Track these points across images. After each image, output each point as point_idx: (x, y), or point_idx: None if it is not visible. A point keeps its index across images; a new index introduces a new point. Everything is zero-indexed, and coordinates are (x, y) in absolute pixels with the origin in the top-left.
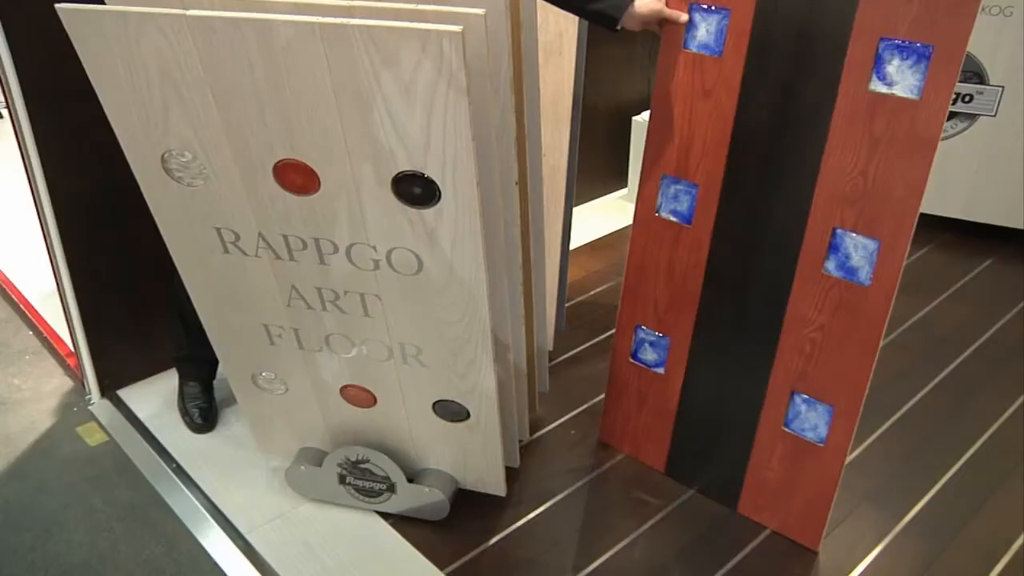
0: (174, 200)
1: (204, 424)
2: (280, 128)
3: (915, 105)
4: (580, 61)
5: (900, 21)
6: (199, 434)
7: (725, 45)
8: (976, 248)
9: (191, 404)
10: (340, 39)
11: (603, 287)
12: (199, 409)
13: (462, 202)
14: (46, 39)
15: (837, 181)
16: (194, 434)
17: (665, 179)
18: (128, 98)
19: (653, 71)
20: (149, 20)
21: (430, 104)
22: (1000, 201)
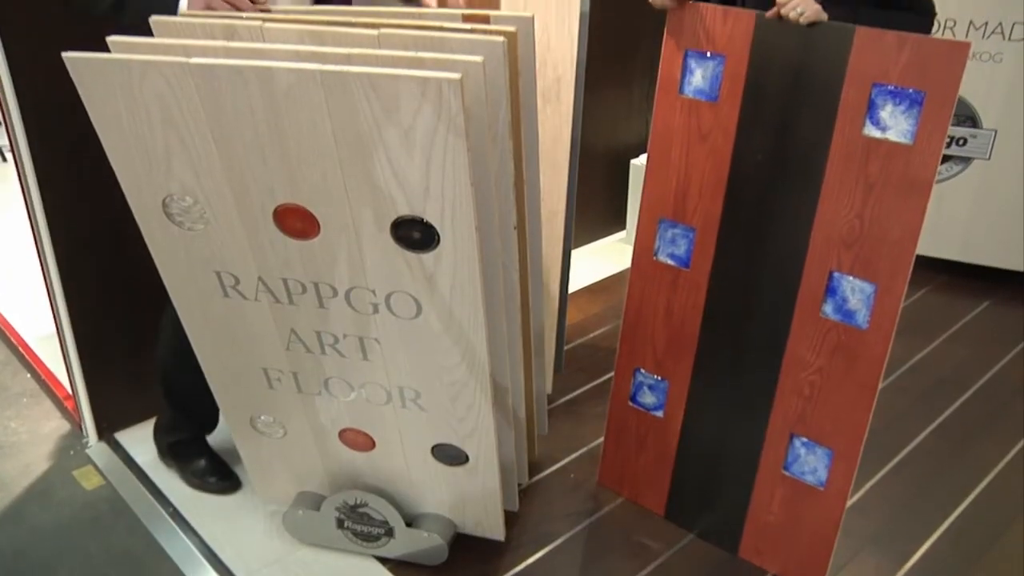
0: (175, 244)
1: (228, 483)
2: (281, 173)
3: (909, 149)
4: (578, 105)
5: (892, 67)
6: (229, 494)
7: (721, 90)
8: (974, 290)
9: (205, 477)
10: (340, 86)
11: (602, 330)
12: (216, 477)
13: (461, 247)
14: (51, 83)
15: (833, 224)
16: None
17: (662, 223)
18: (131, 143)
19: (650, 114)
20: (152, 68)
21: (429, 150)
22: (996, 243)
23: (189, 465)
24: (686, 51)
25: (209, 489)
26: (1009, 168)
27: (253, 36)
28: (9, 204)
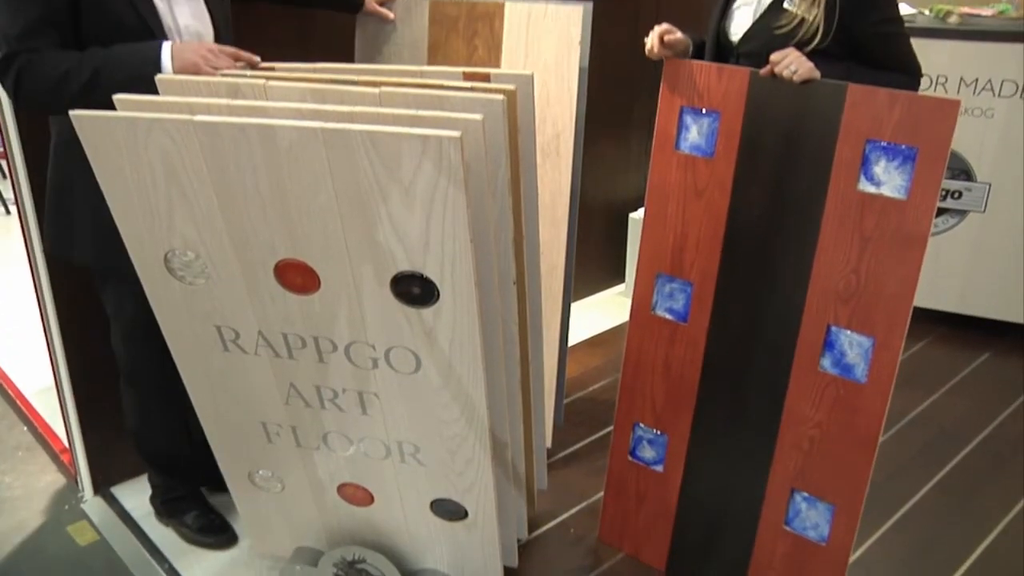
0: (175, 298)
1: (224, 537)
2: (282, 228)
3: (903, 205)
4: (577, 160)
5: (885, 124)
6: (225, 549)
7: (716, 146)
8: (973, 341)
9: (200, 533)
10: (342, 143)
11: (601, 383)
12: (211, 532)
13: (460, 302)
14: None
15: (830, 279)
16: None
17: (660, 277)
18: (134, 199)
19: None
20: (158, 125)
21: (429, 206)
22: (994, 295)
23: (183, 521)
24: (682, 107)
25: (204, 544)
26: (1004, 220)
27: (256, 94)
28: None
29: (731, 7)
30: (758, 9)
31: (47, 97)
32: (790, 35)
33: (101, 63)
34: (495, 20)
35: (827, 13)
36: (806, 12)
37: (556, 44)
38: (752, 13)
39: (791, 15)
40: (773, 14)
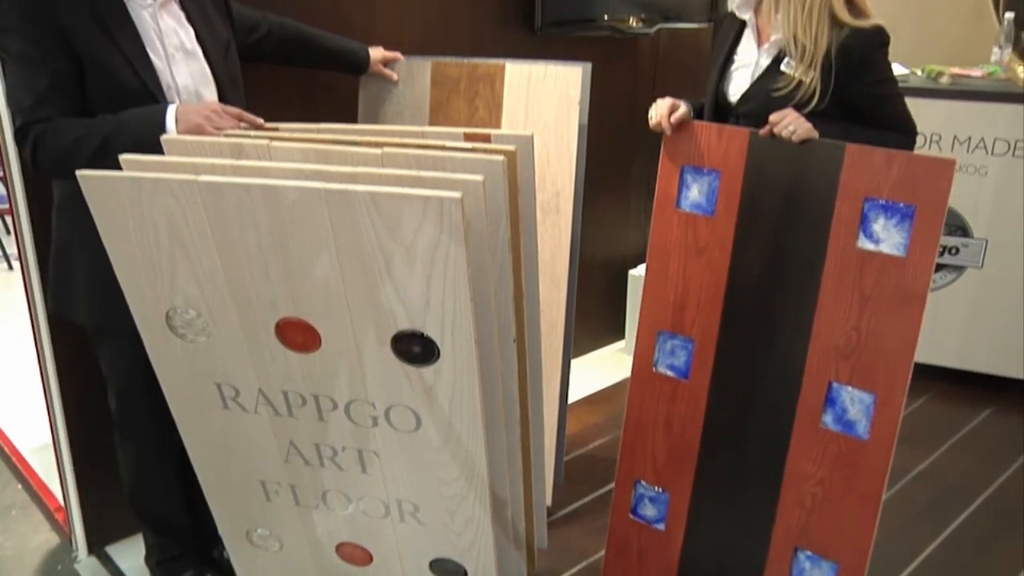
0: (176, 356)
1: None
2: (283, 287)
3: (902, 262)
4: (577, 218)
5: (882, 183)
6: None
7: (717, 205)
8: (974, 397)
9: None
10: (344, 203)
11: (602, 440)
12: None
13: (461, 361)
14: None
15: (830, 335)
16: None
17: (661, 335)
18: (137, 257)
19: (647, 226)
20: (162, 185)
21: (430, 265)
22: (993, 350)
23: None
24: (682, 167)
25: None
26: (1002, 276)
27: (260, 154)
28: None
29: (729, 69)
30: (756, 71)
31: (61, 165)
32: (788, 97)
33: (110, 130)
34: (496, 81)
35: (823, 75)
36: (803, 75)
37: (556, 104)
38: (750, 75)
39: (789, 77)
40: (771, 76)
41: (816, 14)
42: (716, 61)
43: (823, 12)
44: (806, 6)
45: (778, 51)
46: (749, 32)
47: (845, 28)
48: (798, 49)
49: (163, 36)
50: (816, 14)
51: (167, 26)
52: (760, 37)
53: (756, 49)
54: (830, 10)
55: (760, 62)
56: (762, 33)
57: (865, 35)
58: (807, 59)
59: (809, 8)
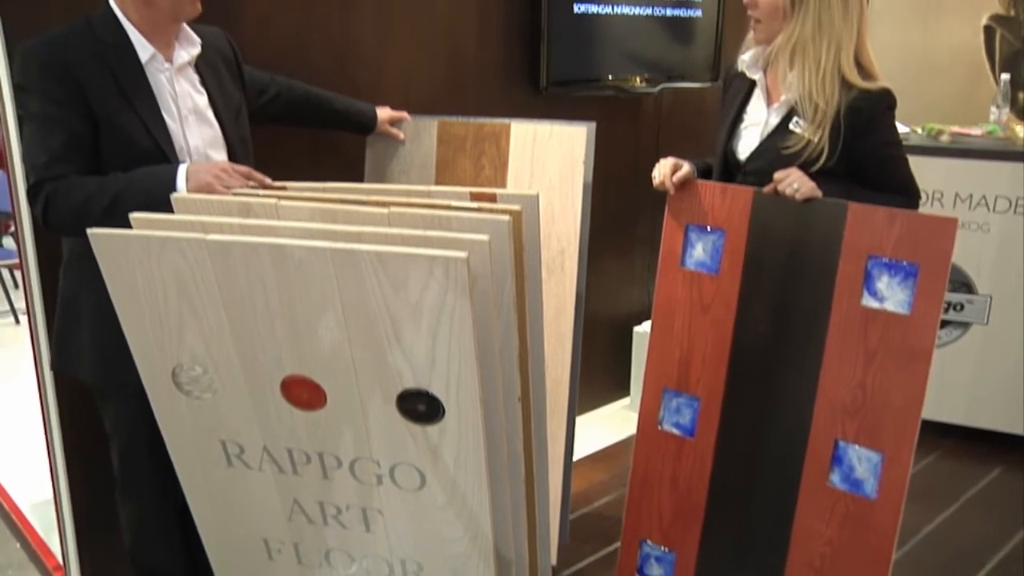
0: (181, 412)
1: None
2: (289, 345)
3: (907, 319)
4: (581, 275)
5: (885, 241)
6: None
7: (721, 263)
8: (982, 455)
9: None
10: (351, 263)
11: (607, 498)
12: None
13: (466, 419)
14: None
15: (836, 393)
16: None
17: (667, 392)
18: (145, 314)
19: (652, 283)
20: (172, 243)
21: (435, 324)
22: (1000, 408)
23: None
24: (687, 225)
25: None
26: (1007, 333)
27: (268, 213)
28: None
29: (739, 127)
30: (765, 130)
31: (72, 222)
32: (796, 155)
33: (121, 188)
34: (501, 140)
35: (832, 135)
36: (812, 134)
37: (561, 163)
38: (759, 134)
39: (798, 136)
40: (780, 134)
41: (829, 75)
42: (726, 119)
43: (834, 73)
44: (820, 67)
45: (787, 110)
46: (759, 92)
47: (854, 90)
48: (810, 108)
49: (178, 99)
50: (829, 75)
51: (182, 90)
52: (770, 97)
53: (766, 108)
54: (840, 72)
55: (769, 121)
56: (772, 93)
57: (873, 97)
58: (818, 119)
59: (823, 69)
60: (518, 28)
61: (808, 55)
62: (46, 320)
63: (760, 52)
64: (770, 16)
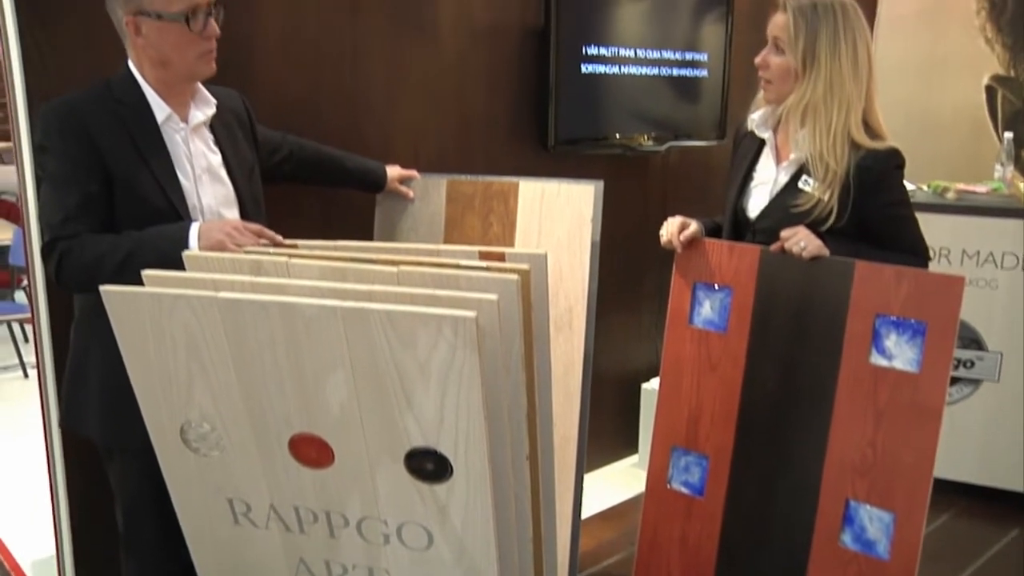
0: (189, 469)
1: None
2: (298, 403)
3: (916, 378)
4: (589, 333)
5: (893, 300)
6: None
7: (729, 321)
8: (998, 516)
9: None
10: (360, 321)
11: (616, 557)
12: None
13: (474, 478)
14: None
15: (846, 452)
16: None
17: (675, 451)
18: (155, 370)
19: (660, 340)
20: (182, 301)
21: (444, 383)
22: (1013, 467)
23: None
24: (695, 283)
25: None
26: (1019, 389)
27: (279, 271)
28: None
29: (748, 185)
30: (774, 189)
31: (84, 280)
32: (806, 214)
33: (134, 246)
34: (510, 198)
35: (841, 195)
36: (822, 193)
37: (569, 221)
38: (768, 192)
39: (808, 195)
40: (789, 193)
41: (840, 136)
42: (735, 178)
43: (845, 134)
44: (832, 129)
45: (796, 169)
46: (768, 150)
47: (862, 149)
48: (821, 168)
49: (193, 159)
50: (840, 136)
51: (197, 149)
52: (779, 155)
53: (775, 167)
54: (848, 132)
55: (779, 179)
56: (781, 151)
57: (881, 156)
58: (828, 179)
59: (834, 130)
60: (526, 87)
61: (820, 116)
62: (56, 376)
63: (770, 112)
64: (781, 78)
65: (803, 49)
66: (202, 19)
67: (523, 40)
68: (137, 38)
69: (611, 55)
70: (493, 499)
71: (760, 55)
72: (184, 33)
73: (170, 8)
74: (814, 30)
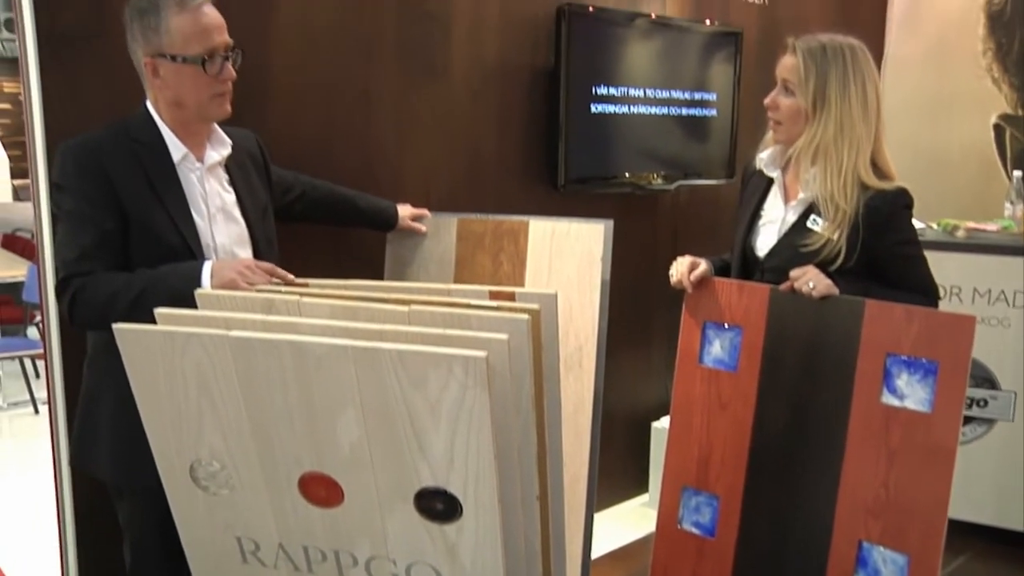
0: (198, 508)
1: None
2: (308, 441)
3: (928, 418)
4: (599, 372)
5: (903, 339)
6: None
7: (739, 360)
8: (1016, 559)
9: None
10: (371, 361)
11: None
12: None
13: (484, 518)
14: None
15: (859, 493)
16: None
17: (686, 491)
18: (166, 408)
19: (670, 378)
20: (194, 339)
21: (455, 423)
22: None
23: None
24: (704, 323)
25: None
26: None
27: (290, 310)
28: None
29: (757, 224)
30: (783, 228)
31: (97, 317)
32: (815, 253)
33: (147, 284)
34: (520, 237)
35: (850, 235)
36: (831, 233)
37: (579, 260)
38: (777, 231)
39: (817, 235)
40: (797, 232)
41: (850, 177)
42: (744, 216)
43: (855, 175)
44: (842, 170)
45: (805, 208)
46: (776, 189)
47: (870, 190)
48: (831, 208)
49: (207, 198)
50: (850, 177)
51: (212, 189)
52: (787, 194)
53: (783, 206)
54: (856, 173)
55: (787, 218)
56: (789, 191)
57: (889, 197)
58: (838, 218)
59: (844, 171)
60: (536, 127)
61: (831, 157)
62: (67, 413)
63: (778, 151)
64: (791, 119)
65: (813, 91)
66: (219, 62)
67: (533, 80)
68: (155, 79)
69: (620, 95)
70: (503, 539)
71: (769, 96)
72: (200, 75)
73: (188, 51)
74: (824, 72)
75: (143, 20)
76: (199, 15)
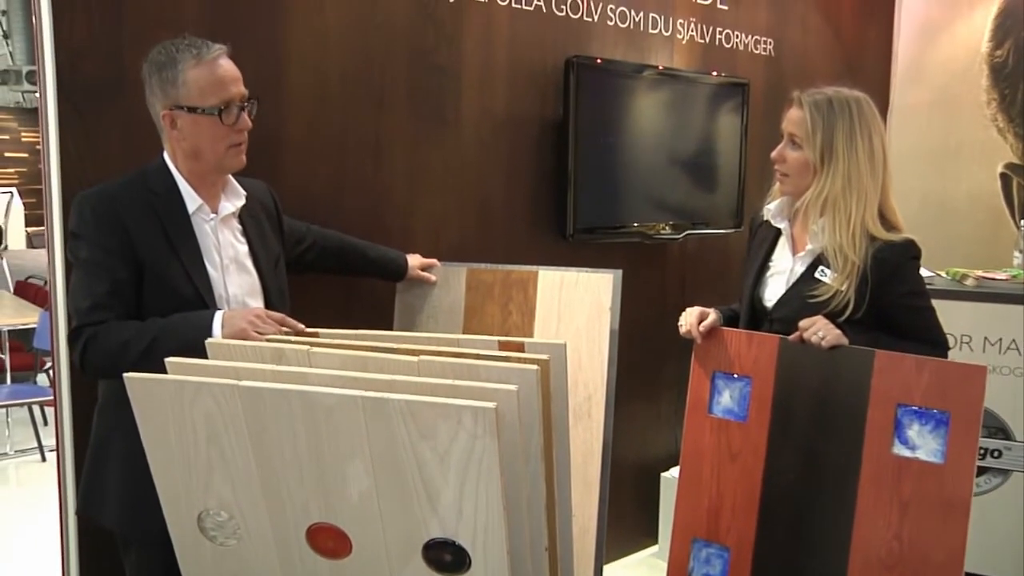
0: (205, 558)
1: None
2: (316, 492)
3: (941, 469)
4: (608, 422)
5: (914, 389)
6: None
7: (749, 410)
8: None
9: None
10: (380, 411)
11: None
12: None
13: (492, 570)
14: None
15: (871, 546)
16: None
17: (696, 542)
18: (175, 457)
19: (679, 428)
20: (204, 389)
21: (463, 474)
22: None
23: None
24: (714, 373)
25: None
26: None
27: (300, 360)
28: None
29: (764, 275)
30: (791, 278)
31: (108, 366)
32: (823, 304)
33: (158, 333)
34: (529, 287)
35: (859, 287)
36: (840, 284)
37: (587, 310)
38: (785, 281)
39: (826, 286)
40: (806, 283)
41: (858, 229)
42: (751, 267)
43: (863, 227)
44: (851, 222)
45: (813, 259)
46: (784, 240)
47: (878, 241)
48: (840, 259)
49: (221, 248)
50: (858, 229)
51: (225, 239)
52: (795, 245)
53: (791, 256)
54: (864, 225)
55: (795, 269)
56: (797, 242)
57: (897, 248)
58: (847, 269)
59: (853, 223)
60: (545, 177)
61: (839, 210)
62: (75, 462)
63: (786, 202)
64: (799, 172)
65: (821, 145)
66: (235, 112)
67: (542, 131)
68: (173, 131)
69: (629, 145)
70: None
71: (776, 150)
72: (217, 126)
73: (205, 102)
74: (831, 126)
75: (161, 74)
76: (215, 67)
